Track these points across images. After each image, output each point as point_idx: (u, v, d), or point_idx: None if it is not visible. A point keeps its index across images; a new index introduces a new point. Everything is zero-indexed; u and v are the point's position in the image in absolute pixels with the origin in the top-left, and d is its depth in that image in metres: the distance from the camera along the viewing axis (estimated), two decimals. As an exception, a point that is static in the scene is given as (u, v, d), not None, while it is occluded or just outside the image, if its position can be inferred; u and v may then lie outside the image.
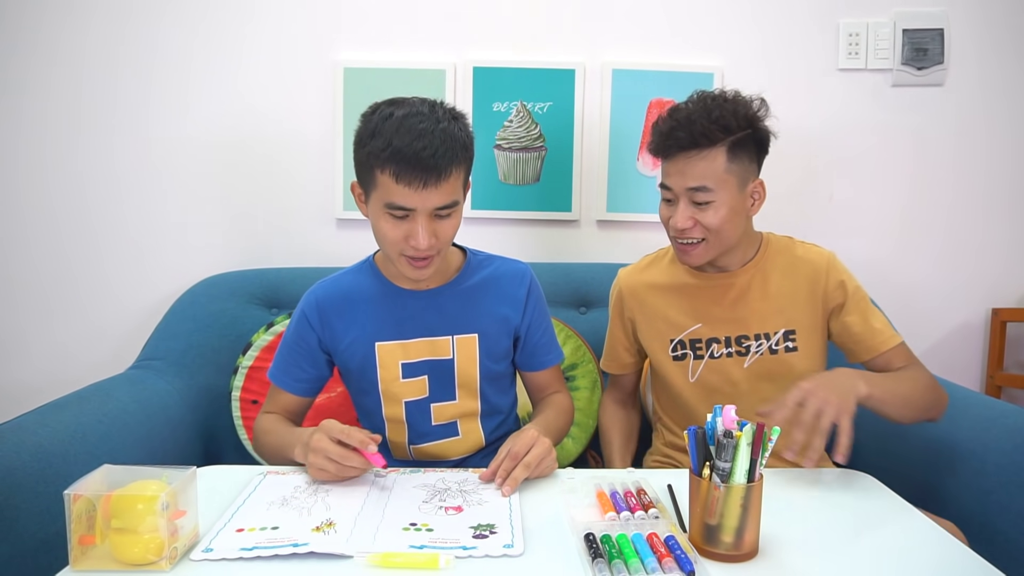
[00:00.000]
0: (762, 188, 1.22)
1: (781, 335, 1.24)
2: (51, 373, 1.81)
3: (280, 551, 0.78)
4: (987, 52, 1.81)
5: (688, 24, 1.80)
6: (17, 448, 1.05)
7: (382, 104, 1.07)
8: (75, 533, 0.75)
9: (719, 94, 1.18)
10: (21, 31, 1.74)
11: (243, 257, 1.80)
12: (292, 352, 1.19)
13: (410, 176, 1.00)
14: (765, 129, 1.19)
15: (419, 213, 1.03)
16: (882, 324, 1.22)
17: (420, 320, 1.16)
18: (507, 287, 1.21)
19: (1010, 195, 1.85)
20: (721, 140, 1.14)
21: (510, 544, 0.81)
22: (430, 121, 1.02)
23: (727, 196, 1.16)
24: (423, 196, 1.02)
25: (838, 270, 1.24)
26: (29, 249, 1.81)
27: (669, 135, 1.17)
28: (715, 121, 1.14)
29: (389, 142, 1.00)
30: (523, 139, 1.81)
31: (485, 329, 1.18)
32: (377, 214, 1.06)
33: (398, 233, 1.05)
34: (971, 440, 1.21)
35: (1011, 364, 1.89)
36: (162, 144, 1.79)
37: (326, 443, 0.97)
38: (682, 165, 1.17)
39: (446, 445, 1.21)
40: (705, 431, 0.81)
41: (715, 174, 1.15)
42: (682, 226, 1.18)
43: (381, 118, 1.03)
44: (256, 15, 1.77)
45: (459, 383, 1.19)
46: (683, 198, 1.18)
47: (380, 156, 1.01)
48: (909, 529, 0.88)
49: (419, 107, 1.04)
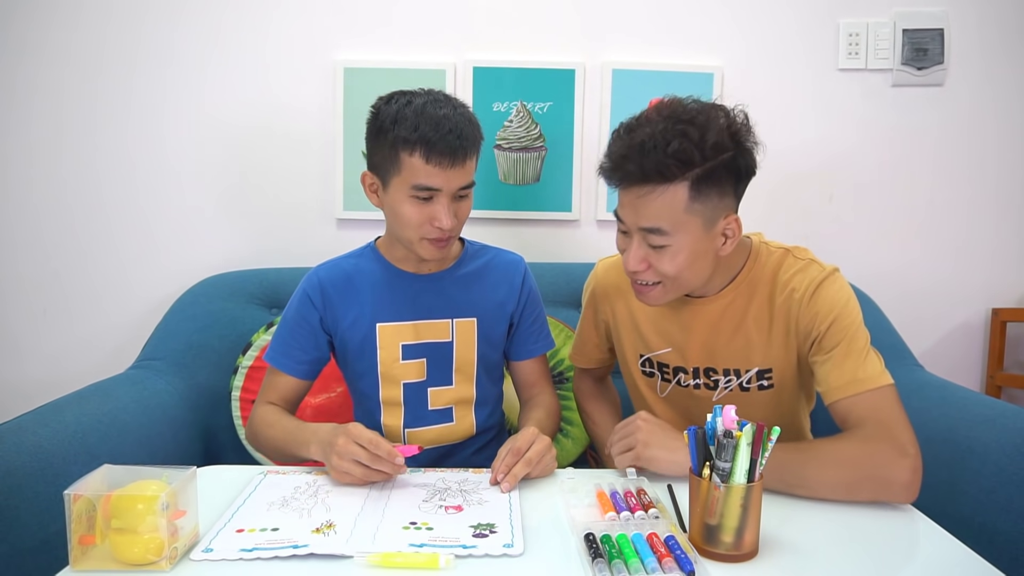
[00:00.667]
0: (737, 225, 1.01)
1: (754, 374, 1.10)
2: (51, 373, 1.81)
3: (280, 553, 0.79)
4: (987, 52, 1.81)
5: (688, 24, 1.80)
6: (17, 448, 1.05)
7: (394, 94, 1.11)
8: (75, 533, 0.75)
9: (689, 109, 0.97)
10: (28, 32, 1.74)
11: (243, 257, 1.80)
12: (293, 333, 1.19)
13: (440, 156, 1.05)
14: (747, 152, 0.99)
15: (443, 194, 1.08)
16: (851, 369, 0.99)
17: (421, 302, 1.19)
18: (504, 274, 1.25)
19: (1010, 195, 1.85)
20: (681, 176, 0.95)
21: (510, 544, 0.81)
22: (448, 107, 1.08)
23: (687, 239, 0.98)
24: (449, 176, 1.07)
25: (821, 299, 1.03)
26: (29, 249, 1.80)
27: (619, 164, 0.98)
28: (673, 155, 0.93)
29: (416, 125, 1.05)
30: (523, 139, 1.81)
31: (483, 314, 1.22)
32: (400, 199, 1.09)
33: (422, 215, 1.09)
34: (971, 440, 1.21)
35: (1011, 364, 1.89)
36: (161, 144, 1.79)
37: (355, 448, 0.96)
38: (634, 199, 0.98)
39: (440, 431, 1.23)
40: (705, 431, 0.81)
41: (673, 216, 0.96)
42: (633, 268, 1.02)
43: (400, 105, 1.08)
44: (256, 15, 1.77)
45: (456, 367, 1.21)
46: (636, 235, 1.01)
47: (409, 139, 1.05)
48: (908, 529, 0.88)
49: (434, 95, 1.10)
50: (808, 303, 1.04)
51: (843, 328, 1.02)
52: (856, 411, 0.98)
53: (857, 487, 0.93)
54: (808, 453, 0.97)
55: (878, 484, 0.92)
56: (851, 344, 1.01)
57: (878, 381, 0.98)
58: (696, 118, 0.95)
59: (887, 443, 0.93)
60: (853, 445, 0.95)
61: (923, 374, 1.52)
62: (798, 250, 1.10)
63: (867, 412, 0.97)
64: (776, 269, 1.08)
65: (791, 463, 0.94)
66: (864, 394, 0.98)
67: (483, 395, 1.25)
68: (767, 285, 1.08)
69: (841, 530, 0.87)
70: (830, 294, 1.03)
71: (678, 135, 0.94)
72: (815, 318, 1.03)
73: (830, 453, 0.95)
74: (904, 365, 1.56)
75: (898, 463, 0.92)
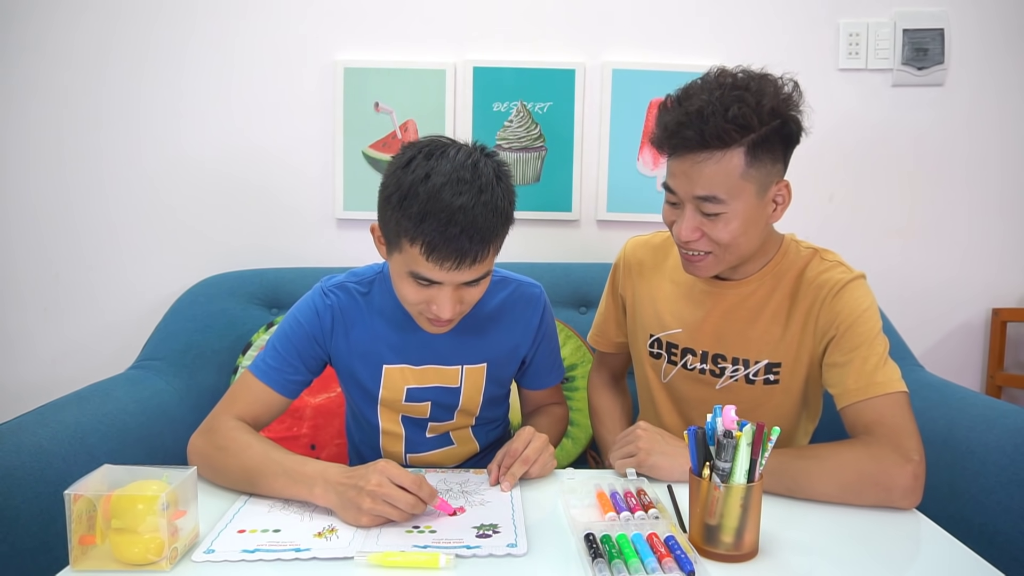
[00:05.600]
0: (787, 190, 1.03)
1: (763, 367, 1.09)
2: (51, 373, 1.81)
3: (282, 556, 0.79)
4: (987, 52, 1.81)
5: (688, 24, 1.80)
6: (17, 448, 1.05)
7: (419, 153, 0.93)
8: (75, 533, 0.75)
9: (740, 78, 0.98)
10: (28, 31, 1.74)
11: (243, 257, 1.80)
12: (292, 348, 1.08)
13: (443, 258, 0.90)
14: (796, 120, 0.99)
15: (446, 285, 0.95)
16: (868, 373, 0.99)
17: (431, 347, 1.10)
18: (520, 315, 1.15)
19: (1010, 195, 1.86)
20: (739, 141, 0.95)
21: (514, 543, 0.81)
22: (471, 191, 0.90)
23: (742, 206, 0.98)
24: (453, 275, 0.93)
25: (843, 301, 1.02)
26: (30, 250, 1.81)
27: (676, 132, 0.97)
28: (732, 120, 0.93)
29: (423, 216, 0.88)
30: (523, 139, 1.81)
31: (495, 359, 1.14)
32: (399, 274, 0.97)
33: (420, 297, 0.97)
34: (971, 440, 1.21)
35: (1011, 364, 1.89)
36: (162, 144, 1.79)
37: (391, 490, 0.85)
38: (689, 167, 0.98)
39: (442, 454, 1.20)
40: (705, 431, 0.81)
41: (729, 182, 0.96)
42: (686, 238, 1.01)
43: (416, 179, 0.90)
44: (256, 15, 1.77)
45: (460, 408, 1.16)
46: (689, 205, 1.00)
47: (411, 230, 0.90)
48: (908, 529, 0.88)
49: (460, 168, 0.91)
50: (831, 302, 1.04)
51: (863, 333, 1.01)
52: (867, 415, 0.97)
53: (858, 491, 0.92)
54: (809, 456, 0.96)
55: (879, 489, 0.91)
56: (871, 349, 1.00)
57: (893, 387, 0.98)
58: (750, 84, 0.97)
59: (891, 448, 0.93)
60: (856, 450, 0.95)
61: (923, 374, 1.52)
62: (827, 252, 1.11)
63: (877, 417, 0.96)
64: (803, 266, 1.09)
65: (792, 467, 0.94)
66: (877, 398, 0.97)
67: (483, 420, 1.20)
68: (792, 280, 1.09)
69: (841, 530, 0.87)
70: (855, 297, 1.03)
71: (736, 100, 0.94)
72: (836, 317, 1.03)
73: (832, 457, 0.95)
74: (904, 365, 1.54)
75: (900, 469, 0.91)
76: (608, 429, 1.27)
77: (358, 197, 1.79)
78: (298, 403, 1.53)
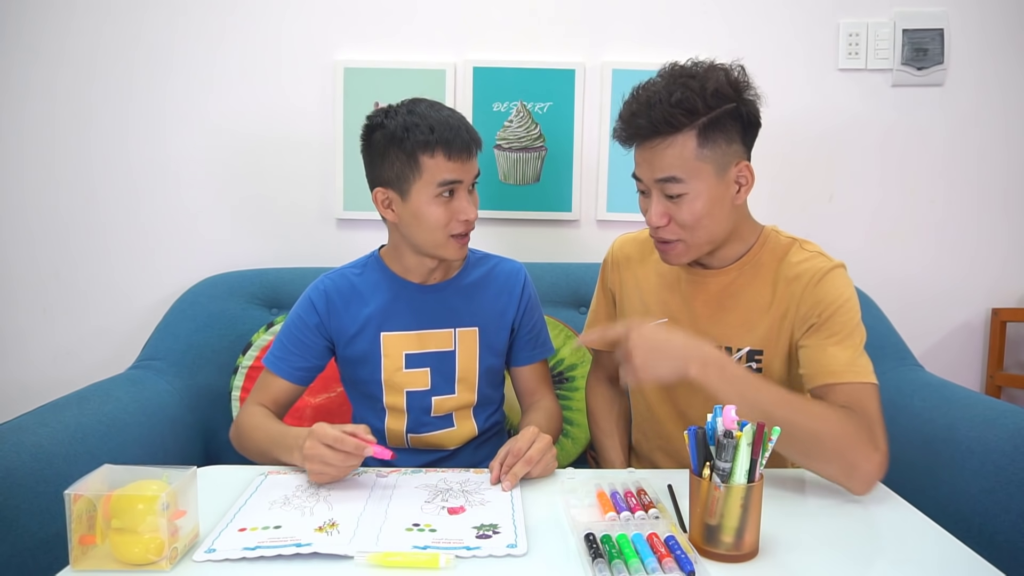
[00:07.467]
0: (748, 171, 1.06)
1: (745, 354, 1.11)
2: (51, 373, 1.81)
3: (283, 551, 0.79)
4: (987, 52, 1.81)
5: (688, 24, 1.80)
6: (17, 448, 1.05)
7: (391, 107, 1.15)
8: (75, 533, 0.75)
9: (687, 68, 1.05)
10: (25, 32, 1.74)
11: (243, 257, 1.80)
12: (294, 338, 1.21)
13: (459, 151, 1.10)
14: (748, 102, 1.04)
15: (463, 187, 1.13)
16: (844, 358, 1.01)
17: (424, 312, 1.21)
18: (505, 284, 1.27)
19: (1010, 195, 1.85)
20: (688, 124, 1.01)
21: (514, 544, 0.82)
22: (445, 109, 1.14)
23: (703, 186, 1.03)
24: (468, 168, 1.13)
25: (825, 289, 1.05)
26: (29, 250, 1.80)
27: (630, 122, 1.05)
28: (677, 104, 1.00)
29: (432, 128, 1.09)
30: (523, 139, 1.81)
31: (485, 323, 1.24)
32: (424, 201, 1.12)
33: (447, 213, 1.12)
34: (971, 440, 1.21)
35: (1011, 364, 1.89)
36: (162, 144, 1.79)
37: (321, 450, 0.96)
38: (648, 154, 1.05)
39: (442, 435, 1.25)
40: (705, 431, 0.81)
41: (685, 163, 1.02)
42: (656, 223, 1.06)
43: (404, 115, 1.12)
44: (256, 15, 1.77)
45: (459, 376, 1.23)
46: (655, 190, 1.06)
47: (428, 142, 1.09)
48: (909, 529, 0.88)
49: (426, 102, 1.15)
50: (812, 289, 1.06)
51: (845, 321, 1.03)
52: (841, 398, 0.98)
53: (821, 453, 0.94)
54: (789, 396, 0.97)
55: (843, 463, 0.93)
56: (851, 337, 1.03)
57: (869, 378, 1.00)
58: (696, 72, 1.03)
59: (865, 432, 0.95)
60: (837, 414, 0.96)
61: (923, 374, 1.52)
62: (807, 243, 1.13)
63: (852, 401, 0.98)
64: (783, 254, 1.11)
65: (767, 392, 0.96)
66: (855, 384, 0.99)
67: (484, 400, 1.26)
68: (772, 268, 1.11)
69: (841, 530, 0.87)
70: (836, 285, 1.05)
71: (681, 87, 1.01)
72: (817, 305, 1.05)
73: (812, 406, 0.97)
74: (904, 365, 1.56)
75: (869, 454, 0.93)
76: (604, 431, 1.30)
77: (358, 197, 1.79)
78: (298, 403, 1.53)
